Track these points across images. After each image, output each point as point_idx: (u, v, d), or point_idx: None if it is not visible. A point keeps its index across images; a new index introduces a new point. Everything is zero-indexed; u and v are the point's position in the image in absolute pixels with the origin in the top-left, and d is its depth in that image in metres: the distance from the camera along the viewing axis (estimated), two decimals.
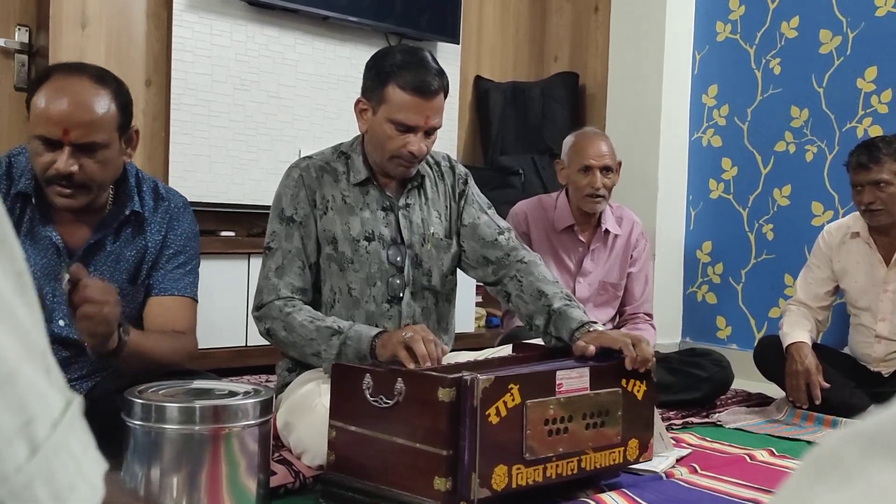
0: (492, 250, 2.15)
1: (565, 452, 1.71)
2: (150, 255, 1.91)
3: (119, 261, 1.88)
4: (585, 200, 2.82)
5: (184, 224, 1.96)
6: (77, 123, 1.69)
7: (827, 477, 0.36)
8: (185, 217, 1.97)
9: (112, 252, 1.87)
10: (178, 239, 1.94)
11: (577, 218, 2.89)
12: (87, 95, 1.72)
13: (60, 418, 0.40)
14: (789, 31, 3.65)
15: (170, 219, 1.94)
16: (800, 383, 2.67)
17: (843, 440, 0.36)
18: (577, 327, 1.94)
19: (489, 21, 4.41)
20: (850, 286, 2.85)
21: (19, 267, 0.41)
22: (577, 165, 2.81)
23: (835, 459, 0.36)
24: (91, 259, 1.85)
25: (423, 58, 1.99)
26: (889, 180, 2.64)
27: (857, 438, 0.36)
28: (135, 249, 1.89)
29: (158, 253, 1.92)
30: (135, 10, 3.28)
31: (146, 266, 1.91)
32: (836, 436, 0.37)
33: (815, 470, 0.37)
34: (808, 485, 0.37)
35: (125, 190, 1.89)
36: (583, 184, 2.80)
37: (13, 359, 0.38)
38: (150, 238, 1.91)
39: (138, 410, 1.55)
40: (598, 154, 2.80)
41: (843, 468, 0.35)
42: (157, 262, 1.92)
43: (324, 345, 1.91)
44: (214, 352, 3.00)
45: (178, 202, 1.97)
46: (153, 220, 1.92)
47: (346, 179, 2.08)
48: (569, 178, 2.86)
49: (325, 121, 3.64)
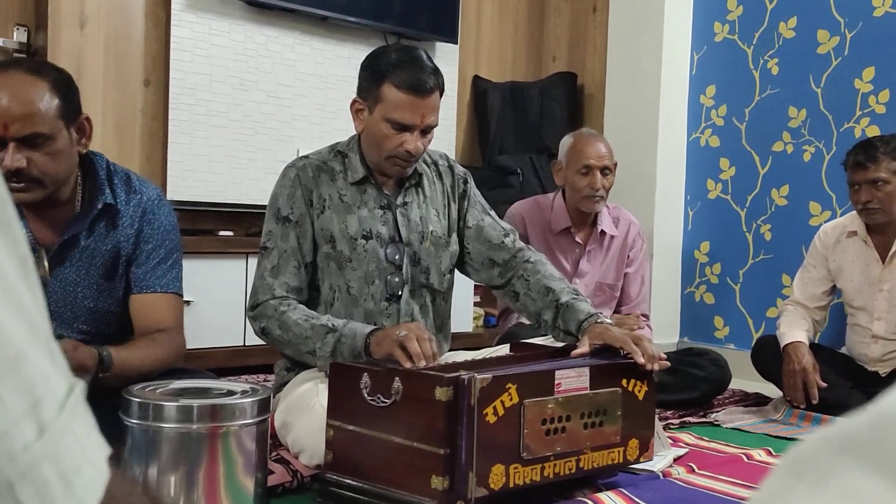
0: (498, 252, 2.16)
1: (563, 452, 1.71)
2: (124, 249, 1.87)
3: (94, 256, 1.84)
4: (584, 201, 2.82)
5: (160, 217, 1.91)
6: (15, 117, 1.65)
7: (803, 479, 0.36)
8: (160, 210, 1.92)
9: (87, 247, 1.84)
10: (155, 233, 1.90)
11: (573, 219, 2.90)
12: (22, 88, 1.67)
13: (65, 401, 0.40)
14: (787, 31, 3.65)
15: (143, 212, 1.89)
16: (797, 383, 2.68)
17: (819, 443, 0.37)
18: (584, 318, 1.96)
19: (487, 21, 4.41)
20: (847, 285, 2.85)
21: (23, 252, 0.41)
22: (576, 166, 2.81)
23: (811, 462, 0.36)
24: (65, 255, 1.82)
25: (418, 56, 1.99)
26: (886, 179, 2.65)
27: (833, 442, 0.36)
28: (110, 244, 1.86)
29: (135, 248, 1.88)
30: (133, 9, 3.28)
31: (122, 261, 1.88)
32: (814, 437, 0.37)
33: (791, 471, 0.37)
34: (785, 486, 0.37)
35: (96, 183, 1.85)
36: (582, 184, 2.80)
37: (21, 341, 0.38)
38: (123, 232, 1.87)
39: (136, 409, 1.55)
40: (597, 155, 2.81)
41: (818, 471, 0.36)
42: (136, 257, 1.89)
43: (318, 343, 1.91)
44: (212, 351, 3.01)
45: (152, 194, 1.92)
46: (126, 214, 1.88)
47: (343, 178, 2.08)
48: (567, 179, 2.86)
49: (323, 120, 3.64)
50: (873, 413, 0.36)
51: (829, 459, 0.36)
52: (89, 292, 1.85)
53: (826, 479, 0.35)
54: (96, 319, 1.88)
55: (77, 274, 1.83)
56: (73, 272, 1.83)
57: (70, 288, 1.83)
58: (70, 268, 1.82)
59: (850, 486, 0.34)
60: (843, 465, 0.35)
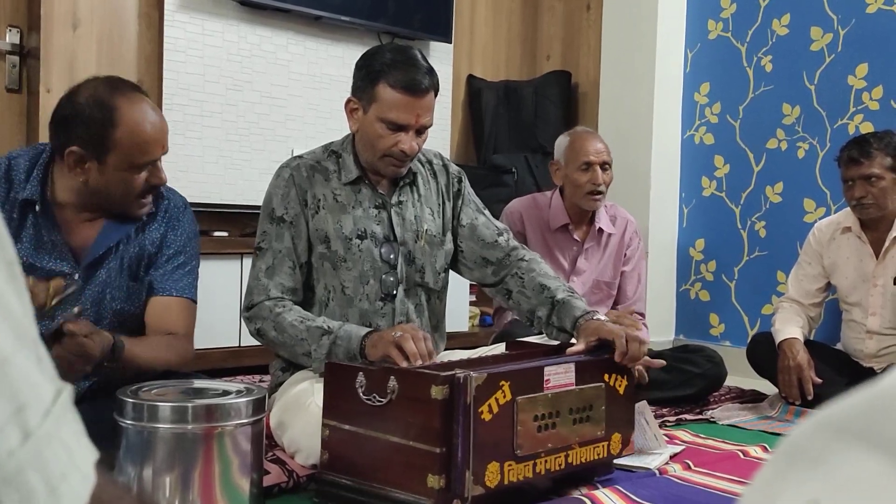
0: (492, 251, 2.16)
1: (553, 448, 1.72)
2: (147, 252, 1.91)
3: (123, 259, 1.88)
4: (586, 198, 2.83)
5: (184, 224, 1.96)
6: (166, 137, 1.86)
7: (797, 466, 0.36)
8: (184, 217, 1.97)
9: (119, 254, 1.87)
10: (178, 239, 1.94)
11: (571, 217, 2.90)
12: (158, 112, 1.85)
13: (51, 407, 0.40)
14: (780, 28, 3.66)
15: (169, 218, 1.94)
16: (792, 379, 2.68)
17: (812, 428, 0.37)
18: (580, 315, 1.97)
19: (481, 20, 4.41)
20: (841, 282, 2.86)
21: (10, 256, 0.41)
22: (576, 164, 2.82)
23: (805, 448, 0.36)
24: (101, 262, 1.85)
25: (412, 56, 1.99)
26: (880, 175, 2.66)
27: (826, 426, 0.36)
28: (137, 247, 1.90)
29: (157, 251, 1.92)
30: (126, 10, 3.27)
31: (144, 263, 1.91)
32: (806, 424, 0.37)
33: (786, 459, 0.37)
34: (780, 474, 0.37)
35: None
36: (583, 181, 2.81)
37: (5, 347, 0.38)
38: (149, 236, 1.91)
39: (130, 410, 1.54)
40: (596, 151, 2.83)
41: (812, 456, 0.36)
42: (157, 261, 1.92)
43: (314, 345, 1.91)
44: (208, 352, 3.00)
45: (178, 202, 1.97)
46: (153, 218, 1.92)
47: (337, 178, 2.08)
48: (567, 178, 2.86)
49: (317, 120, 3.64)
50: (864, 396, 0.36)
51: (823, 444, 0.36)
52: (117, 294, 1.87)
53: (821, 463, 0.35)
54: (120, 322, 1.89)
55: (108, 275, 1.86)
56: (105, 273, 1.85)
57: (99, 289, 1.85)
58: (102, 269, 1.85)
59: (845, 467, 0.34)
60: (837, 448, 0.35)
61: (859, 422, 0.35)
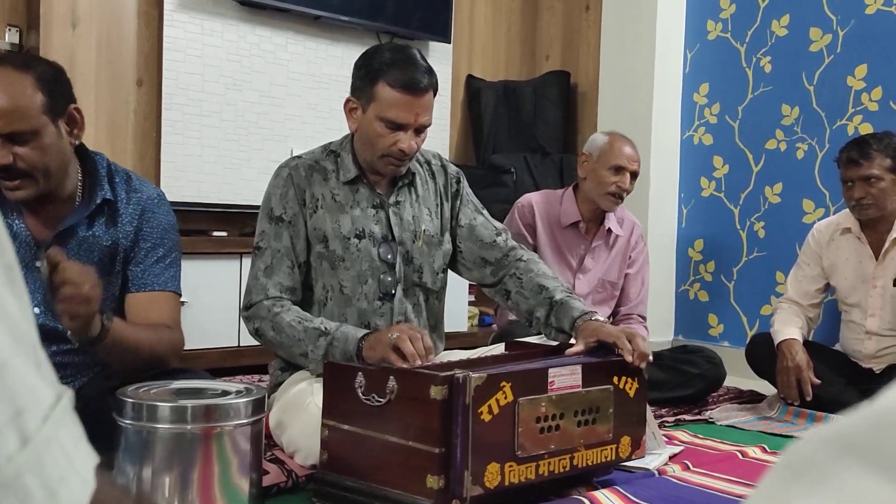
0: (490, 251, 2.16)
1: (557, 450, 1.71)
2: (122, 246, 1.87)
3: (92, 250, 1.84)
4: (606, 197, 2.85)
5: (159, 216, 1.92)
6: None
7: (801, 479, 0.36)
8: (159, 209, 1.93)
9: (84, 240, 1.83)
10: (154, 231, 1.90)
11: (583, 215, 2.92)
12: (4, 84, 1.68)
13: (51, 412, 0.40)
14: (780, 29, 3.66)
15: (142, 210, 1.90)
16: (791, 380, 2.68)
17: (817, 442, 0.36)
18: (578, 316, 1.97)
19: (481, 20, 4.41)
20: (840, 283, 2.86)
21: (9, 260, 0.41)
22: (608, 163, 2.83)
23: (810, 461, 0.36)
24: (63, 247, 1.79)
25: (411, 55, 1.99)
26: (879, 175, 2.66)
27: (832, 441, 0.36)
28: (109, 240, 1.86)
29: (133, 246, 1.88)
30: (125, 9, 3.27)
31: (119, 257, 1.88)
32: (812, 437, 0.37)
33: (790, 471, 0.37)
34: (784, 486, 0.37)
35: (96, 180, 1.86)
36: (610, 181, 2.83)
37: (3, 351, 0.38)
38: (122, 229, 1.87)
39: (129, 410, 1.54)
40: (631, 158, 2.86)
41: (817, 471, 0.36)
42: (134, 256, 1.88)
43: (311, 346, 1.91)
44: (207, 352, 3.00)
45: (152, 193, 1.93)
46: (125, 212, 1.88)
47: (335, 178, 2.08)
48: (593, 172, 2.87)
49: (316, 120, 3.64)
50: (872, 412, 0.36)
51: (829, 460, 0.35)
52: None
53: (826, 480, 0.35)
54: None
55: None
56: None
57: None
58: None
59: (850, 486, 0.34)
60: (843, 466, 0.35)
61: (866, 439, 0.35)
